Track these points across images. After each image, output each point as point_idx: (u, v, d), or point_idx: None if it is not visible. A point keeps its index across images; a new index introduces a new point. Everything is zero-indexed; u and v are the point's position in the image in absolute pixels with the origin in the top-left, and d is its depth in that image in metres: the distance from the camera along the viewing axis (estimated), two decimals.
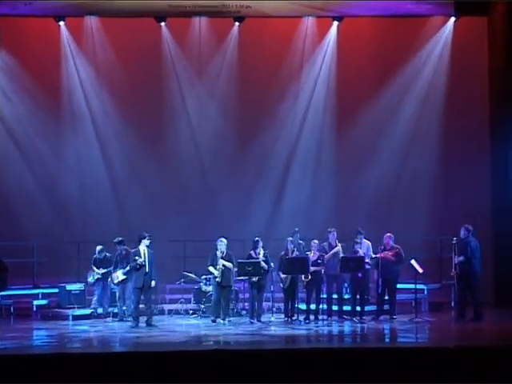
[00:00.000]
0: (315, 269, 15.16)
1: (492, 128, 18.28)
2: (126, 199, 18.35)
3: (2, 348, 11.92)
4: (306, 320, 15.10)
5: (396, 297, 15.48)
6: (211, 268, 15.26)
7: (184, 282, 16.55)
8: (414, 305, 15.53)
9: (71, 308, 16.21)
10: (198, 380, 9.32)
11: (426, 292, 16.75)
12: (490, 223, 18.03)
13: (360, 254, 15.32)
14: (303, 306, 15.38)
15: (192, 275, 16.40)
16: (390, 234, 15.51)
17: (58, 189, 18.37)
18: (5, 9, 17.06)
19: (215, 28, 18.29)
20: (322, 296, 15.35)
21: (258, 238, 15.39)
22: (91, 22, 18.10)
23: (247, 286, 15.53)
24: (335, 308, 15.47)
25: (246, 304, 15.84)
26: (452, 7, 17.83)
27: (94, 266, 16.19)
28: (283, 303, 15.52)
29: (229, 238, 15.69)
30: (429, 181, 18.30)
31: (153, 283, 14.98)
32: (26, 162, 18.29)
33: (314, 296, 15.26)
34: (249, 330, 14.19)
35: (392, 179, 18.31)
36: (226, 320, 15.13)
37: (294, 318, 15.11)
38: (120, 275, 15.69)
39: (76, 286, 16.65)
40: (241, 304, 16.29)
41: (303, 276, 15.09)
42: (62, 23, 18.03)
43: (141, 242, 15.02)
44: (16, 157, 18.27)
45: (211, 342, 12.92)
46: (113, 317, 15.82)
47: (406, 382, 9.26)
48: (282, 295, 15.51)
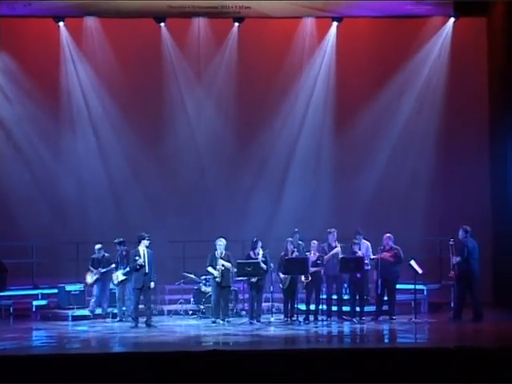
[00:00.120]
0: (315, 269, 15.18)
1: (491, 128, 18.28)
2: (126, 200, 18.33)
3: (1, 349, 11.93)
4: (305, 320, 15.10)
5: (395, 297, 15.47)
6: (210, 268, 15.26)
7: (183, 282, 16.55)
8: (413, 305, 15.53)
9: (71, 308, 16.21)
10: (197, 380, 9.31)
11: (425, 292, 16.75)
12: (490, 223, 18.03)
13: (358, 254, 15.32)
14: (303, 307, 15.38)
15: (192, 276, 16.40)
16: (390, 235, 15.51)
17: (58, 189, 18.36)
18: (4, 9, 17.04)
19: (215, 29, 18.29)
20: (322, 296, 15.36)
21: (256, 238, 15.39)
22: (91, 23, 18.11)
23: (246, 286, 15.54)
24: (335, 308, 15.47)
25: (246, 304, 15.84)
26: (451, 8, 17.84)
27: (91, 266, 16.16)
28: (283, 304, 15.54)
29: (228, 238, 15.67)
30: (428, 181, 18.29)
31: (152, 284, 14.98)
32: (25, 163, 18.27)
33: (314, 296, 15.27)
34: (248, 331, 14.18)
35: (391, 179, 18.31)
36: (225, 320, 15.14)
37: (294, 319, 15.11)
38: (120, 276, 15.69)
39: (75, 286, 16.64)
40: (240, 305, 16.29)
41: (303, 277, 15.10)
42: (61, 24, 18.02)
43: (140, 242, 15.01)
44: (15, 157, 18.25)
45: (210, 343, 12.93)
46: (112, 317, 15.82)
47: (405, 383, 9.26)
48: (282, 296, 15.52)
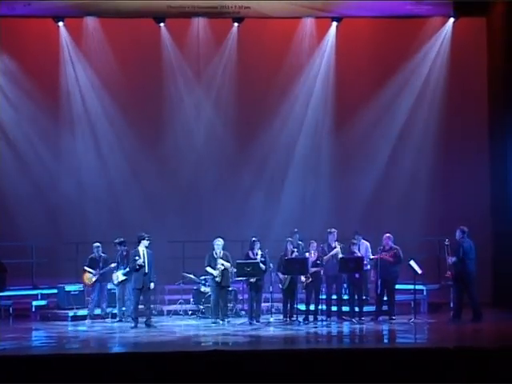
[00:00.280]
0: (315, 269, 15.17)
1: (491, 128, 18.28)
2: (125, 200, 18.31)
3: (1, 349, 11.93)
4: (305, 321, 15.10)
5: (395, 297, 15.46)
6: (209, 269, 15.24)
7: (183, 282, 16.54)
8: (413, 305, 15.53)
9: (70, 309, 16.20)
10: (196, 380, 9.32)
11: (425, 293, 16.76)
12: (489, 223, 18.04)
13: (357, 254, 15.31)
14: (302, 307, 15.37)
15: (191, 276, 16.39)
16: (390, 235, 15.50)
17: (57, 190, 18.34)
18: (4, 9, 17.04)
19: (214, 29, 18.28)
20: (321, 297, 15.35)
21: (255, 238, 15.39)
22: (90, 23, 18.10)
23: (246, 286, 15.53)
24: (334, 309, 15.46)
25: (245, 305, 15.83)
26: (451, 8, 17.83)
27: (89, 266, 16.03)
28: (282, 304, 15.52)
29: (228, 238, 15.69)
30: (428, 181, 18.29)
31: (152, 285, 14.97)
32: (24, 163, 18.25)
33: (313, 297, 15.26)
34: (248, 331, 14.17)
35: (391, 179, 18.31)
36: (225, 321, 15.14)
37: (293, 319, 15.11)
38: (120, 276, 15.68)
39: (75, 286, 16.62)
40: (240, 305, 16.28)
41: (304, 277, 15.08)
42: (61, 24, 18.02)
43: (140, 242, 15.00)
44: (15, 157, 18.24)
45: (210, 343, 12.91)
46: (112, 318, 15.81)
47: (405, 383, 9.27)
48: (281, 296, 15.51)
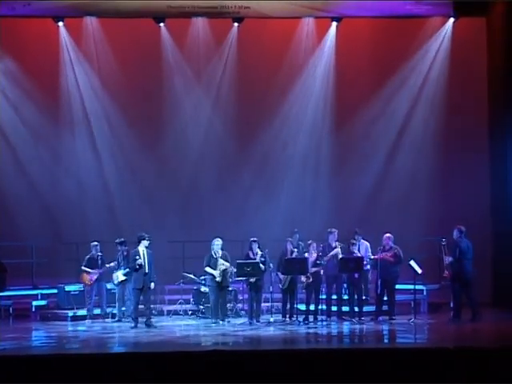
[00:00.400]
0: (315, 269, 15.16)
1: (491, 128, 18.28)
2: (125, 200, 18.31)
3: (1, 349, 11.93)
4: (305, 321, 15.09)
5: (395, 297, 15.45)
6: (209, 269, 15.22)
7: (183, 282, 16.54)
8: (413, 305, 15.52)
9: (70, 309, 16.20)
10: (196, 380, 9.33)
11: (425, 293, 16.76)
12: (489, 223, 18.03)
13: (357, 254, 15.31)
14: (302, 307, 15.37)
15: (191, 276, 16.39)
16: (390, 235, 15.49)
17: (57, 190, 18.33)
18: (4, 9, 17.03)
19: (214, 29, 18.27)
20: (322, 297, 15.35)
21: (254, 238, 15.38)
22: (90, 23, 18.09)
23: (246, 286, 15.53)
24: (334, 309, 15.46)
25: (245, 305, 15.83)
26: (451, 8, 17.83)
27: (87, 266, 15.99)
28: (281, 304, 15.52)
29: (227, 238, 15.70)
30: (428, 181, 18.29)
31: (152, 285, 14.97)
32: (24, 163, 18.25)
33: (313, 297, 15.26)
34: (248, 331, 14.18)
35: (391, 179, 18.31)
36: (225, 321, 15.13)
37: (293, 319, 15.11)
38: (120, 276, 15.68)
39: (75, 286, 16.62)
40: (240, 305, 16.28)
41: (305, 277, 15.07)
42: (60, 24, 18.02)
43: (140, 242, 15.00)
44: (15, 157, 18.24)
45: (210, 343, 12.92)
46: (112, 317, 15.81)
47: (405, 383, 9.27)
48: (281, 296, 15.51)
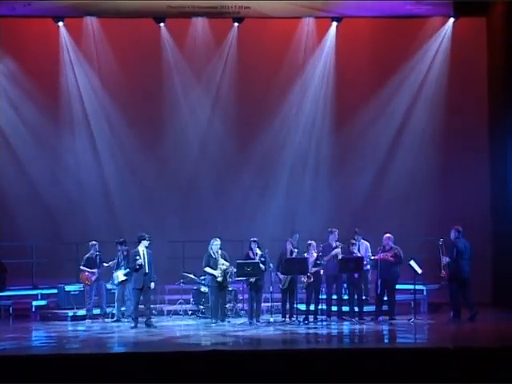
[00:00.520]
0: (315, 269, 15.15)
1: (491, 128, 18.28)
2: (125, 200, 18.32)
3: (1, 349, 11.92)
4: (305, 321, 15.09)
5: (395, 297, 15.45)
6: (209, 269, 15.19)
7: (183, 282, 16.53)
8: (413, 305, 15.52)
9: (70, 309, 16.20)
10: (196, 380, 9.34)
11: (425, 293, 16.77)
12: (489, 223, 18.04)
13: (356, 254, 15.30)
14: (302, 307, 15.36)
15: (191, 276, 16.39)
16: (390, 235, 15.48)
17: (57, 190, 18.32)
18: (4, 9, 17.03)
19: (214, 29, 18.28)
20: (322, 297, 15.35)
21: (254, 238, 15.38)
22: (90, 23, 18.09)
23: (246, 286, 15.53)
24: (334, 309, 15.46)
25: (245, 305, 15.82)
26: (451, 8, 17.83)
27: (86, 266, 15.97)
28: (281, 303, 15.52)
29: (227, 238, 15.73)
30: (428, 181, 18.30)
31: (152, 285, 14.97)
32: (24, 163, 18.25)
33: (314, 296, 15.25)
34: (248, 331, 14.17)
35: (391, 179, 18.31)
36: (225, 321, 15.13)
37: (293, 319, 15.11)
38: (121, 276, 15.67)
39: (75, 286, 16.62)
40: (240, 305, 16.28)
41: (305, 277, 15.06)
42: (60, 24, 18.02)
43: (140, 242, 14.99)
44: (15, 158, 18.23)
45: (210, 343, 12.91)
46: (111, 317, 15.80)
47: (405, 383, 9.27)
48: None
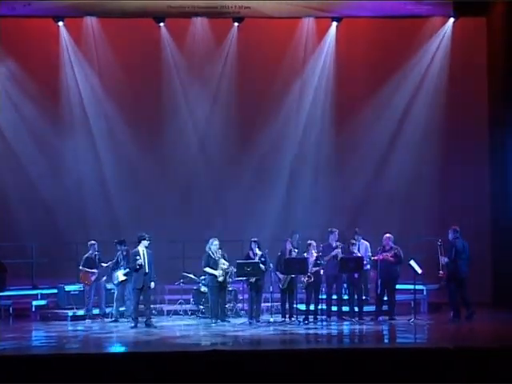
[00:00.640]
0: (315, 269, 15.15)
1: (491, 128, 18.28)
2: (125, 200, 18.32)
3: (1, 349, 11.92)
4: (304, 321, 15.08)
5: (395, 297, 15.46)
6: (209, 269, 15.19)
7: (183, 282, 16.53)
8: (413, 305, 15.52)
9: (70, 309, 16.20)
10: (196, 380, 9.33)
11: (425, 293, 16.77)
12: (489, 223, 18.05)
13: (356, 254, 15.30)
14: (302, 307, 15.36)
15: (191, 276, 16.38)
16: (390, 235, 15.47)
17: (57, 190, 18.32)
18: (4, 9, 17.05)
19: (214, 28, 18.29)
20: (322, 297, 15.34)
21: (254, 238, 15.38)
22: (90, 23, 18.10)
23: (246, 286, 15.53)
24: (334, 308, 15.46)
25: (245, 305, 15.82)
26: (451, 8, 17.84)
27: (86, 266, 15.94)
28: (280, 303, 15.52)
29: (227, 238, 15.73)
30: (428, 181, 18.30)
31: (152, 285, 14.97)
32: (24, 163, 18.25)
33: (313, 296, 15.25)
34: (247, 331, 14.17)
35: (391, 179, 18.31)
36: (225, 321, 15.13)
37: (293, 319, 15.10)
38: (121, 276, 15.67)
39: (75, 286, 16.61)
40: (240, 304, 16.28)
41: (305, 277, 15.05)
42: (61, 24, 18.04)
43: (140, 242, 14.99)
44: (15, 157, 18.24)
45: (210, 343, 12.91)
46: (111, 317, 15.79)
47: (405, 383, 9.27)
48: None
